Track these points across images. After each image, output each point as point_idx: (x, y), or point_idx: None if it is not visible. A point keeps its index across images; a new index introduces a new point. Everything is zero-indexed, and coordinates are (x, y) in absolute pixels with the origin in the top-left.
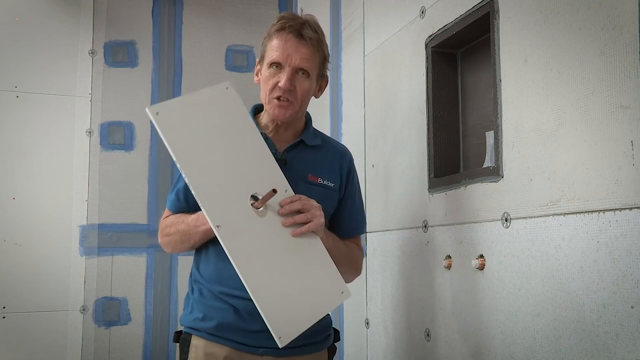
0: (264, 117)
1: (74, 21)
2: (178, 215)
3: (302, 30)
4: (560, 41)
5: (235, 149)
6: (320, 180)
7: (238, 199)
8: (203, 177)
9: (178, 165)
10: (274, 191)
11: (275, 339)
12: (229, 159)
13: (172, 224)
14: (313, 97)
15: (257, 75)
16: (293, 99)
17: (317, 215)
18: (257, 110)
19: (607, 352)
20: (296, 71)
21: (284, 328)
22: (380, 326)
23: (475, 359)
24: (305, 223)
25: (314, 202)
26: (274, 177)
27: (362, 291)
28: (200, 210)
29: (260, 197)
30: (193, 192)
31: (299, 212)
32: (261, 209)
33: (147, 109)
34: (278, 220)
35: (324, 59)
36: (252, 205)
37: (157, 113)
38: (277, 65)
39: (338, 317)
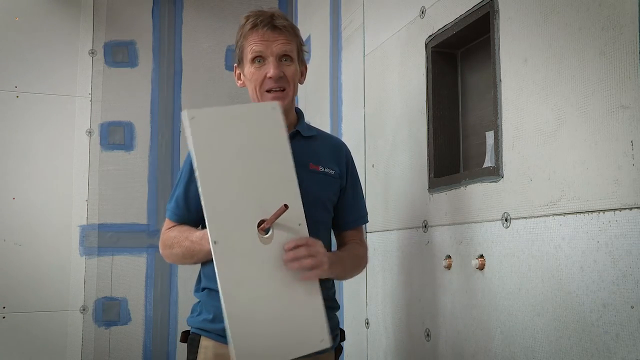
0: None
1: (74, 21)
2: (182, 229)
3: (275, 22)
4: (560, 41)
5: (261, 171)
6: (322, 168)
7: (246, 222)
8: (217, 190)
9: (196, 173)
10: (286, 206)
11: None
12: (251, 180)
13: (175, 237)
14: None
15: (239, 79)
16: (285, 86)
17: (324, 262)
18: None
19: (607, 352)
20: (279, 58)
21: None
22: (380, 326)
23: (475, 359)
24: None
25: (319, 248)
26: (292, 208)
27: (362, 291)
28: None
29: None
30: (202, 201)
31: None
32: (267, 235)
33: (183, 112)
34: (279, 252)
35: (300, 44)
36: (258, 227)
37: (193, 117)
38: (260, 59)
39: (338, 317)
